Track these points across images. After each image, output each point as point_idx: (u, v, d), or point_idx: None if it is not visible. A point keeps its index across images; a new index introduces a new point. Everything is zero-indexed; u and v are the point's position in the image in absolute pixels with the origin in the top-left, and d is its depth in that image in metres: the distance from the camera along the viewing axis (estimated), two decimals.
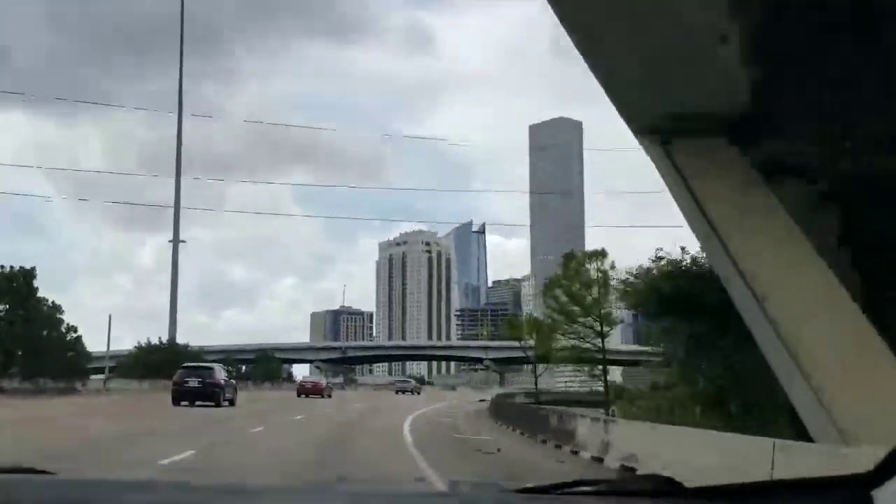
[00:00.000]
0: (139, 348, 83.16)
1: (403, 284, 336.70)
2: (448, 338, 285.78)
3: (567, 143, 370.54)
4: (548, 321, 54.32)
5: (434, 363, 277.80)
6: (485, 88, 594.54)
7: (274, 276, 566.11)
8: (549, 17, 6.50)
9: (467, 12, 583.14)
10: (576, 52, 6.67)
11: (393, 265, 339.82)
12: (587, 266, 49.60)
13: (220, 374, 38.98)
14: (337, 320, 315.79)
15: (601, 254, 49.48)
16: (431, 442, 21.63)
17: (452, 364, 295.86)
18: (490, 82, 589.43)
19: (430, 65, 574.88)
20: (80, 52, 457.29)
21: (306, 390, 59.68)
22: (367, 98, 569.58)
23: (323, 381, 66.68)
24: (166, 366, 60.41)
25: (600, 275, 48.07)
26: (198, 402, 34.91)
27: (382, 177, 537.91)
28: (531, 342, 58.07)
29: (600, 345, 48.26)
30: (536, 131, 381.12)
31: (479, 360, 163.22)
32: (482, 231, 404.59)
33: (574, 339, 48.89)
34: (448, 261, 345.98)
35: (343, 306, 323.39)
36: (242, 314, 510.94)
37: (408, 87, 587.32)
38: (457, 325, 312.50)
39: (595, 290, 47.88)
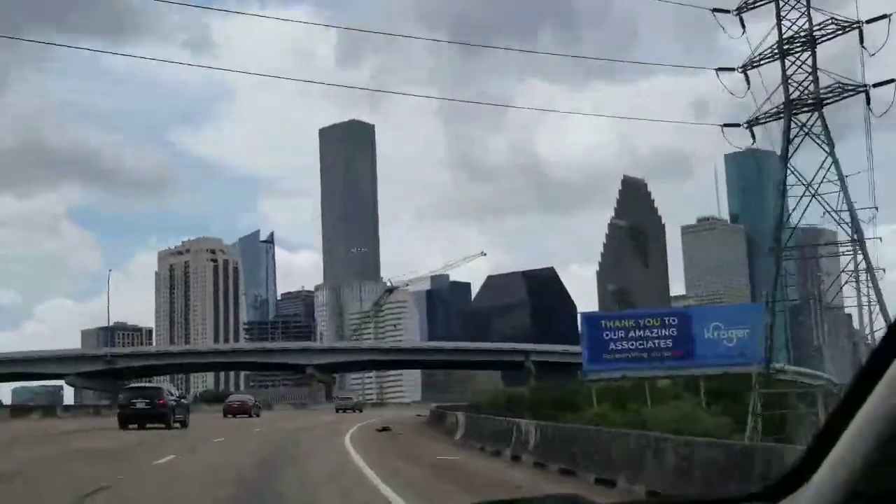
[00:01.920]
0: None
1: (186, 296, 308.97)
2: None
3: (359, 147, 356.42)
4: None
5: (223, 375, 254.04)
6: (273, 93, 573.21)
7: (40, 297, 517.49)
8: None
9: (254, 18, 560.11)
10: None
11: (175, 276, 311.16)
12: None
13: (170, 394, 37.30)
14: (111, 337, 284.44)
15: None
16: None
17: (242, 376, 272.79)
18: (278, 87, 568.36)
19: (213, 70, 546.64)
20: None
21: (233, 410, 58.02)
22: (143, 104, 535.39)
23: (251, 400, 65.36)
24: None
25: None
26: (147, 425, 33.69)
27: (164, 187, 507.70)
28: None
29: None
30: (327, 136, 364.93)
31: (303, 370, 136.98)
32: (270, 241, 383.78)
33: None
34: (236, 271, 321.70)
35: (118, 322, 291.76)
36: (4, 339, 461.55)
37: (190, 92, 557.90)
38: (245, 338, 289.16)
39: None
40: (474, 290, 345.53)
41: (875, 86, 48.51)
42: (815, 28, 51.51)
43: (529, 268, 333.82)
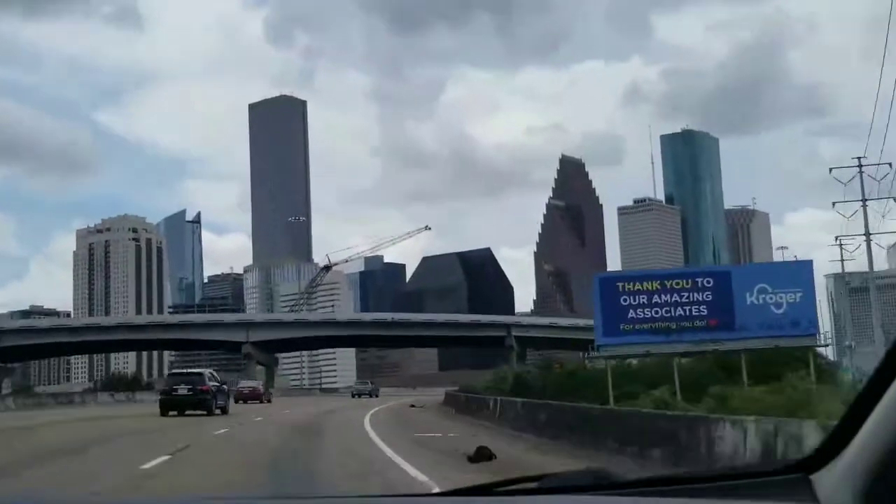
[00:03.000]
0: None
1: (107, 277, 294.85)
2: None
3: (290, 123, 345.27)
4: None
5: (145, 358, 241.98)
6: (200, 73, 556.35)
7: None
8: None
9: None
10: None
11: (94, 256, 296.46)
12: None
13: (212, 378, 36.21)
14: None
15: None
16: None
17: (165, 360, 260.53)
18: (206, 66, 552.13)
19: (139, 48, 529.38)
20: None
21: (244, 396, 57.61)
22: (64, 83, 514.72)
23: (261, 386, 65.42)
24: None
25: None
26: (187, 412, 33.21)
27: (86, 168, 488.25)
28: None
29: None
30: (257, 112, 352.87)
31: (238, 348, 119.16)
32: (197, 221, 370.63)
33: None
34: (160, 251, 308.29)
35: (33, 306, 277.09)
36: None
37: (114, 68, 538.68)
38: None
39: None
40: (409, 272, 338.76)
41: None
42: None
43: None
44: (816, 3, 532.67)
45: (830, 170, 54.98)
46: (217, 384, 36.23)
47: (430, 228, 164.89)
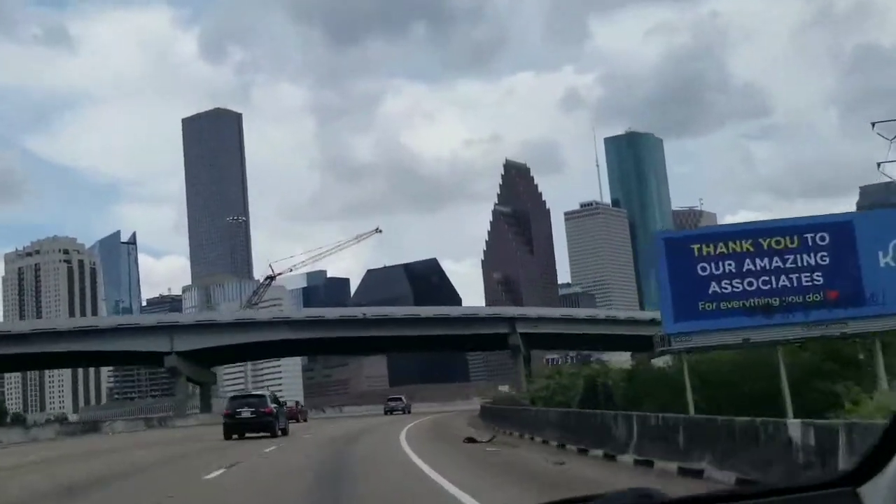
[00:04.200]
0: None
1: (38, 301, 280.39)
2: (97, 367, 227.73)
3: (225, 137, 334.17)
4: None
5: (82, 387, 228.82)
6: (133, 93, 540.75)
7: None
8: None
9: (112, 15, 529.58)
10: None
11: (24, 280, 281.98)
12: None
13: (273, 401, 36.62)
14: None
15: None
16: None
17: (104, 388, 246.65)
18: (139, 86, 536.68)
19: (69, 70, 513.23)
20: None
21: None
22: None
23: (296, 405, 65.11)
24: None
25: None
26: (248, 434, 33.54)
27: (14, 193, 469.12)
28: None
29: None
30: (191, 126, 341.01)
31: (160, 359, 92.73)
32: (133, 242, 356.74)
33: None
34: (94, 272, 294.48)
35: None
36: None
37: (44, 94, 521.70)
38: None
39: None
40: (353, 287, 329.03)
41: None
42: None
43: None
44: (751, 7, 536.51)
45: (873, 124, 51.77)
46: (277, 405, 36.66)
47: (380, 231, 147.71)
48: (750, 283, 19.67)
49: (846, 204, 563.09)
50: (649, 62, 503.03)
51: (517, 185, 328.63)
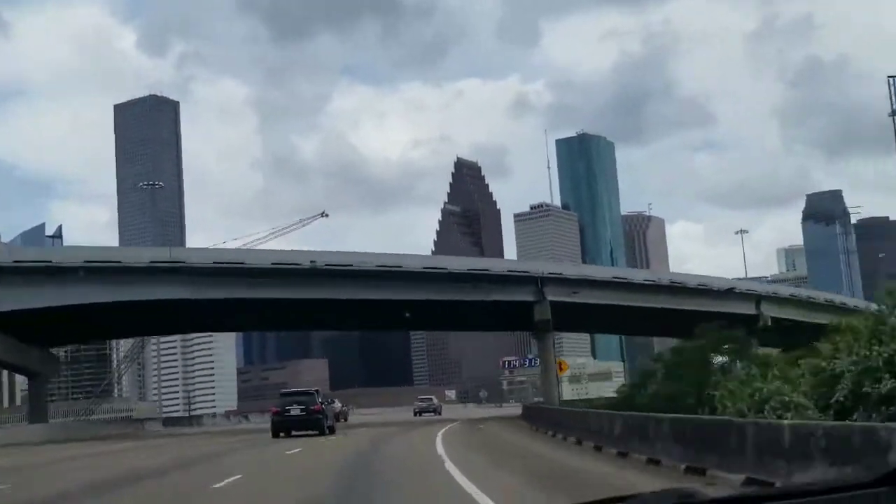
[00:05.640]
0: None
1: None
2: None
3: (161, 127, 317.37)
4: None
5: None
6: (69, 84, 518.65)
7: None
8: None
9: (42, 6, 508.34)
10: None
11: None
12: None
13: (322, 399, 36.68)
14: None
15: None
16: None
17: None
18: (76, 78, 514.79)
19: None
20: None
21: None
22: None
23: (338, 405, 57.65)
24: None
25: None
26: (294, 433, 33.46)
27: None
28: None
29: None
30: (124, 114, 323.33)
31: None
32: (59, 235, 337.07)
33: None
34: None
35: None
36: None
37: None
38: None
39: None
40: None
41: None
42: None
43: None
44: (701, 17, 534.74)
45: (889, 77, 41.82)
46: (324, 403, 36.18)
47: (326, 215, 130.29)
48: None
49: (790, 213, 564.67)
50: (602, 68, 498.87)
51: (468, 185, 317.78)
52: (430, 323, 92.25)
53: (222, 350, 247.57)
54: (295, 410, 34.13)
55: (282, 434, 33.25)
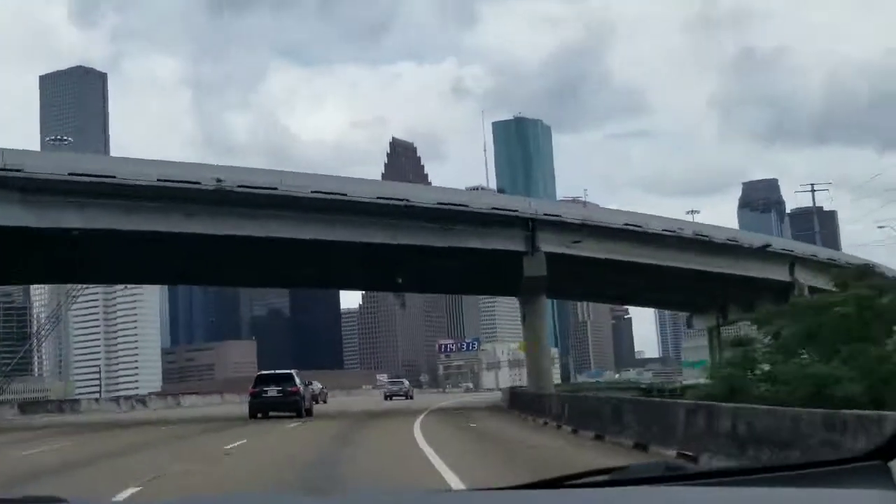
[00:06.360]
0: None
1: None
2: None
3: (87, 98, 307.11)
4: None
5: None
6: None
7: None
8: None
9: None
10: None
11: None
12: None
13: (300, 381, 36.30)
14: None
15: None
16: None
17: None
18: None
19: None
20: None
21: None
22: None
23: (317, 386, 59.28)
24: None
25: None
26: (272, 413, 33.12)
27: None
28: None
29: None
30: (48, 86, 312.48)
31: None
32: None
33: None
34: None
35: None
36: None
37: None
38: None
39: None
40: None
41: None
42: None
43: None
44: (639, 5, 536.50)
45: None
46: (303, 385, 36.45)
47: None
48: None
49: (727, 202, 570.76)
50: (539, 53, 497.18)
51: (403, 165, 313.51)
52: (381, 278, 59.05)
53: (148, 329, 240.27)
54: (272, 392, 33.91)
55: (259, 415, 32.95)
